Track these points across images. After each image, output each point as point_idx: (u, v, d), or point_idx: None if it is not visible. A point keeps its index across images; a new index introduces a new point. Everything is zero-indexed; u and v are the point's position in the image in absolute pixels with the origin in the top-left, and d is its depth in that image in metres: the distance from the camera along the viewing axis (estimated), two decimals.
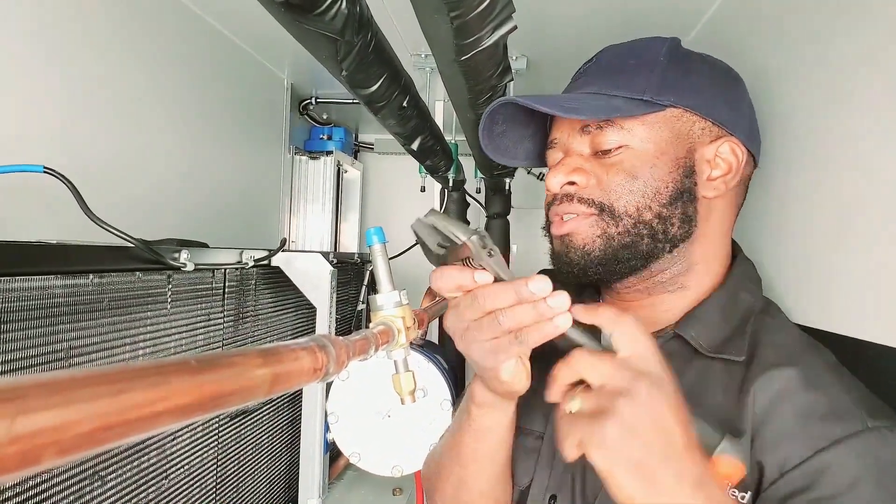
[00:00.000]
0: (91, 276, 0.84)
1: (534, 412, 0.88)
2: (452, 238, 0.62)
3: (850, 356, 0.75)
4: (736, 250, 0.87)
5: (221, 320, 1.21)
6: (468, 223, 2.25)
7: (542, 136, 0.92)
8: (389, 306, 0.62)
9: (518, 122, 0.89)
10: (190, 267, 1.03)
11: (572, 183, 0.79)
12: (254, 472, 1.39)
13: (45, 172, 0.88)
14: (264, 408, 1.43)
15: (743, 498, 0.66)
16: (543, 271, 1.06)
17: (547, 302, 0.58)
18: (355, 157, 2.92)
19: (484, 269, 0.62)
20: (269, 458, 1.47)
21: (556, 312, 0.58)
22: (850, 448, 0.62)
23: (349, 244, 2.78)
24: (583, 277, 0.81)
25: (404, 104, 1.19)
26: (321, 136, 2.58)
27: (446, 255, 0.63)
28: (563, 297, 0.59)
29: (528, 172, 2.69)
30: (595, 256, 0.78)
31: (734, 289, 0.81)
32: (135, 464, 0.95)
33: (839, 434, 0.63)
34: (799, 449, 0.64)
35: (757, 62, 1.13)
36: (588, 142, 0.79)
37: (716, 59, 0.85)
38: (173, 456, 1.06)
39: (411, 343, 0.64)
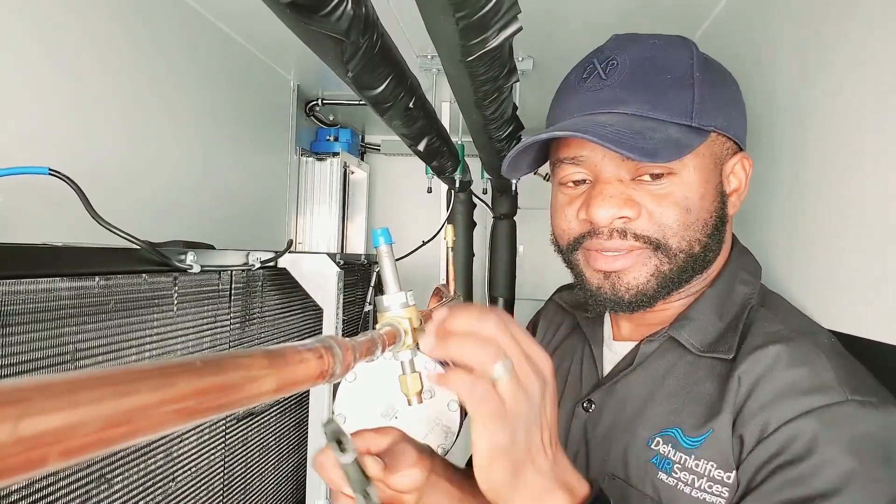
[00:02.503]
0: (97, 278, 0.84)
1: None
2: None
3: (860, 357, 0.74)
4: (732, 240, 0.85)
5: (228, 322, 1.21)
6: (475, 224, 2.25)
7: (544, 144, 0.84)
8: (396, 307, 0.61)
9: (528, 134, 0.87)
10: (196, 269, 1.03)
11: (621, 216, 0.74)
12: (261, 474, 1.39)
13: (50, 175, 0.88)
14: (271, 410, 1.43)
15: (729, 478, 0.66)
16: (563, 288, 1.05)
17: None
18: (362, 159, 2.92)
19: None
20: (277, 460, 1.47)
21: None
22: (824, 416, 0.62)
23: (356, 245, 2.79)
24: (626, 311, 0.78)
25: (410, 105, 1.19)
26: (328, 138, 2.59)
27: None
28: None
29: (535, 173, 2.69)
30: (648, 296, 0.75)
31: (729, 282, 0.80)
32: (141, 466, 0.95)
33: (814, 405, 0.63)
34: (776, 419, 0.64)
35: (763, 60, 1.13)
36: (630, 167, 0.73)
37: (719, 63, 0.81)
38: (180, 458, 1.06)
39: (418, 344, 0.64)
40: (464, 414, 0.88)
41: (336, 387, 1.50)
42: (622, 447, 0.76)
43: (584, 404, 0.84)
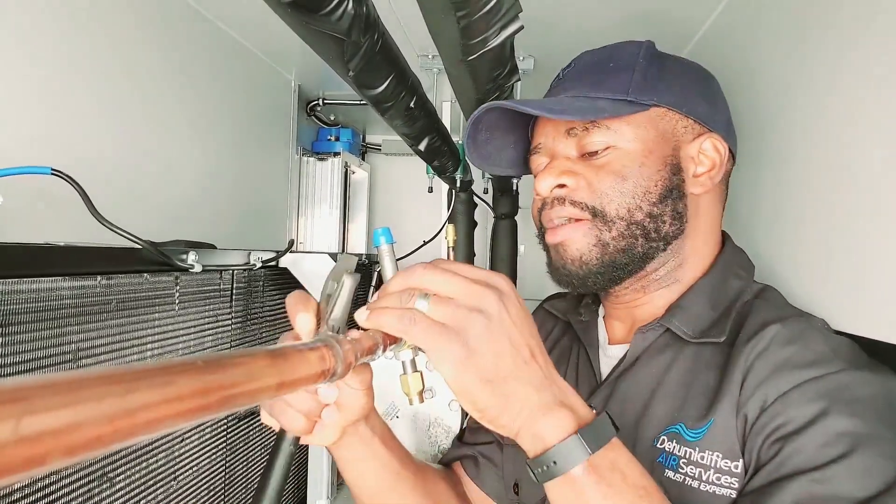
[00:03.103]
0: (99, 277, 0.84)
1: None
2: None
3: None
4: (725, 240, 0.87)
5: (229, 321, 1.21)
6: (475, 224, 2.25)
7: (524, 144, 0.93)
8: None
9: (501, 130, 0.91)
10: (198, 268, 1.03)
11: (562, 186, 0.79)
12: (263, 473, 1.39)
13: (52, 174, 0.88)
14: None
15: (736, 467, 0.66)
16: (553, 296, 1.06)
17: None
18: (363, 159, 2.92)
19: None
20: None
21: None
22: (822, 385, 0.63)
23: (357, 245, 2.78)
24: (583, 288, 0.82)
25: (411, 105, 1.19)
26: (328, 138, 2.58)
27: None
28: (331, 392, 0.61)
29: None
30: (593, 266, 0.78)
31: (722, 275, 0.81)
32: (143, 465, 0.95)
33: (809, 376, 0.64)
34: (773, 392, 0.65)
35: (757, 68, 1.13)
36: (574, 144, 0.80)
37: (688, 59, 0.86)
38: (182, 457, 1.06)
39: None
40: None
41: None
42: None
43: None
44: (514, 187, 2.21)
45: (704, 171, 0.80)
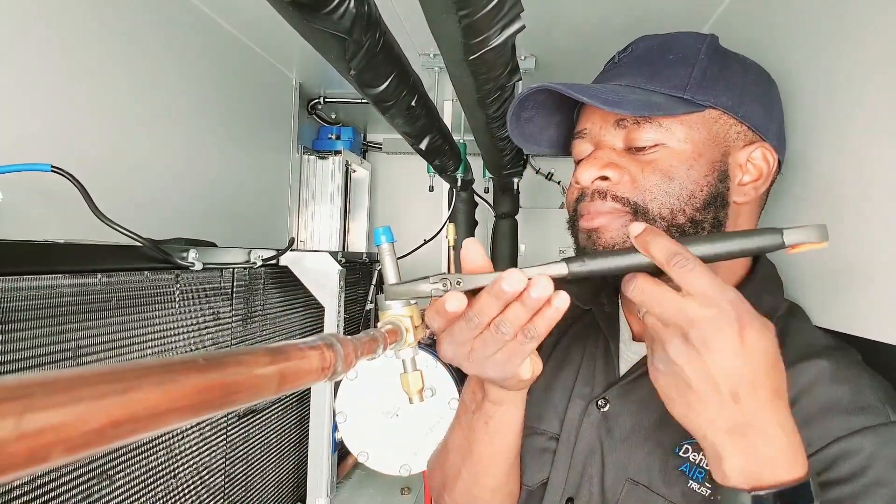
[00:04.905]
0: (99, 275, 0.84)
1: (547, 413, 0.86)
2: (420, 297, 0.61)
3: (874, 360, 0.74)
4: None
5: (230, 320, 1.21)
6: (476, 223, 2.25)
7: (567, 124, 0.89)
8: (397, 306, 0.62)
9: (546, 109, 0.87)
10: (198, 266, 1.03)
11: (604, 178, 0.76)
12: (262, 471, 1.39)
13: (52, 171, 0.88)
14: (272, 407, 1.43)
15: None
16: None
17: (531, 292, 0.56)
18: (364, 157, 2.92)
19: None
20: (278, 458, 1.47)
21: (546, 295, 0.57)
22: (870, 437, 0.62)
23: (357, 243, 2.79)
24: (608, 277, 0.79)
25: (412, 104, 1.19)
26: (329, 136, 2.58)
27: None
28: (545, 282, 0.57)
29: (537, 172, 2.69)
30: None
31: (756, 290, 0.78)
32: (143, 462, 0.95)
33: (860, 425, 0.63)
34: (818, 436, 0.64)
35: (768, 60, 1.12)
36: (622, 136, 0.76)
37: (751, 59, 0.83)
38: (181, 455, 1.06)
39: (419, 342, 0.64)
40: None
41: (337, 385, 1.50)
42: (645, 452, 0.74)
43: (599, 402, 0.81)
44: (515, 187, 2.21)
45: (750, 181, 0.77)
